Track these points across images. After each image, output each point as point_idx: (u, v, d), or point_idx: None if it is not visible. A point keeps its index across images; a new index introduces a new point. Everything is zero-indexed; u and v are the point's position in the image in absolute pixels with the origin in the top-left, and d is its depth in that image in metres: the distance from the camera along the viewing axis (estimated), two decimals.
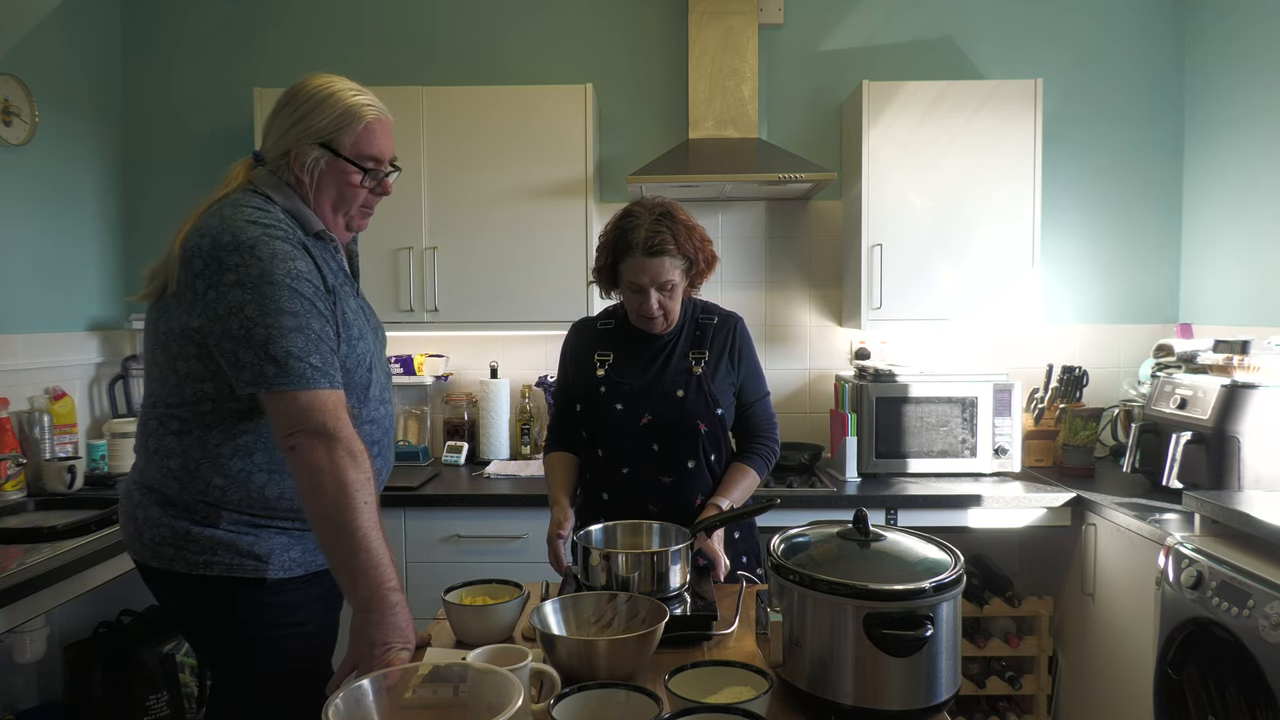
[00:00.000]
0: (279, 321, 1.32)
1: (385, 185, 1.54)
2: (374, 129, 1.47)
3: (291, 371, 1.32)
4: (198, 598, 1.46)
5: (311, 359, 1.33)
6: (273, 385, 1.32)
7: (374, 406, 1.53)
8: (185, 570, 1.43)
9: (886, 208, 2.98)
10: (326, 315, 1.38)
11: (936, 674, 1.15)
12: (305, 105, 1.44)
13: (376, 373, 1.54)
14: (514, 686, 1.00)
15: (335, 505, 1.30)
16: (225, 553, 1.42)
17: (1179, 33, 3.30)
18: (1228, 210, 3.07)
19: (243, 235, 1.34)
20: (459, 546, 2.76)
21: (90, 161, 3.17)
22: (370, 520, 1.31)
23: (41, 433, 2.74)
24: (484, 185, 3.03)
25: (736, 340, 1.92)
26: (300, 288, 1.35)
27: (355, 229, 1.57)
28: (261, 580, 1.43)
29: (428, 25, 3.36)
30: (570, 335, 2.00)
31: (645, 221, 1.78)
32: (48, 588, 2.00)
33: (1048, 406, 3.12)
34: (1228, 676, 1.87)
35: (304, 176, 1.46)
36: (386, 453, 1.60)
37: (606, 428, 1.85)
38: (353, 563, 1.29)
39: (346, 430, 1.34)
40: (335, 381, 1.36)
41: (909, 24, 3.32)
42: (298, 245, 1.39)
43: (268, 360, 1.32)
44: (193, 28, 3.38)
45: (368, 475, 1.34)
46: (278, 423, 1.34)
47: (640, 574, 1.51)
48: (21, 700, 2.66)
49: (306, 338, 1.33)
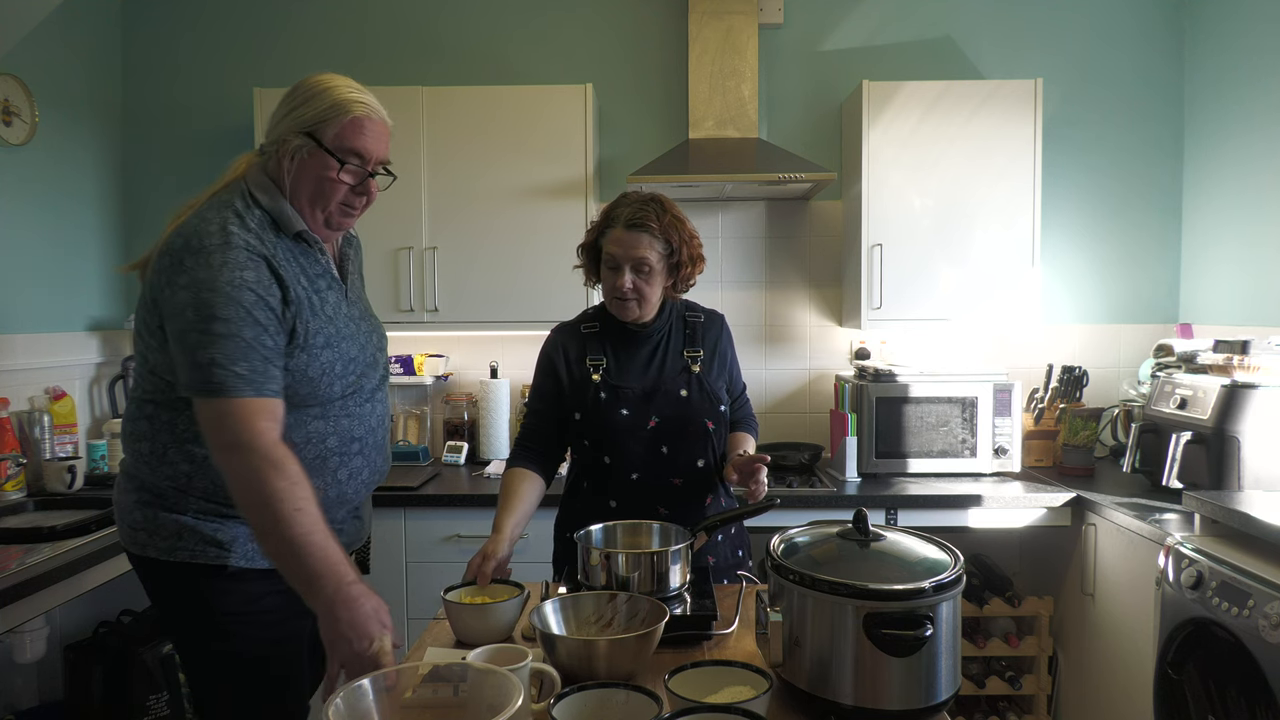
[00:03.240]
0: (210, 328, 1.34)
1: (369, 186, 1.51)
2: (361, 125, 1.46)
3: (212, 379, 1.33)
4: (166, 584, 1.49)
5: (236, 366, 1.34)
6: (194, 389, 1.36)
7: (351, 404, 1.54)
8: (155, 555, 1.47)
9: (886, 208, 2.98)
10: (266, 324, 1.38)
11: (936, 674, 1.15)
12: (301, 96, 1.46)
13: (355, 377, 1.54)
14: (514, 686, 1.00)
15: (266, 517, 1.30)
16: (190, 538, 1.45)
17: (1179, 33, 3.30)
18: (1228, 210, 3.07)
19: (205, 241, 1.37)
20: (459, 546, 2.76)
21: (90, 161, 3.17)
22: (307, 524, 1.29)
23: (41, 433, 2.74)
24: (484, 185, 3.03)
25: (725, 338, 1.94)
26: (240, 296, 1.35)
27: (336, 227, 1.54)
28: (223, 568, 1.45)
29: (428, 25, 3.36)
30: (551, 340, 1.91)
31: (633, 201, 1.81)
32: (48, 588, 2.00)
33: (1048, 406, 3.12)
34: (1228, 676, 1.87)
35: (286, 164, 1.45)
36: (370, 451, 1.59)
37: (612, 435, 1.80)
38: (301, 570, 1.29)
39: (264, 439, 1.33)
40: (264, 389, 1.36)
41: (909, 24, 3.32)
42: (257, 255, 1.40)
43: (194, 365, 1.35)
44: (193, 28, 3.38)
45: (292, 480, 1.31)
46: (202, 429, 1.38)
47: (640, 574, 1.51)
48: (21, 700, 2.66)
49: (235, 345, 1.34)
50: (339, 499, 1.56)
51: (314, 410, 1.49)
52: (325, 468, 1.51)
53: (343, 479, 1.55)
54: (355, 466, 1.57)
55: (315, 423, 1.50)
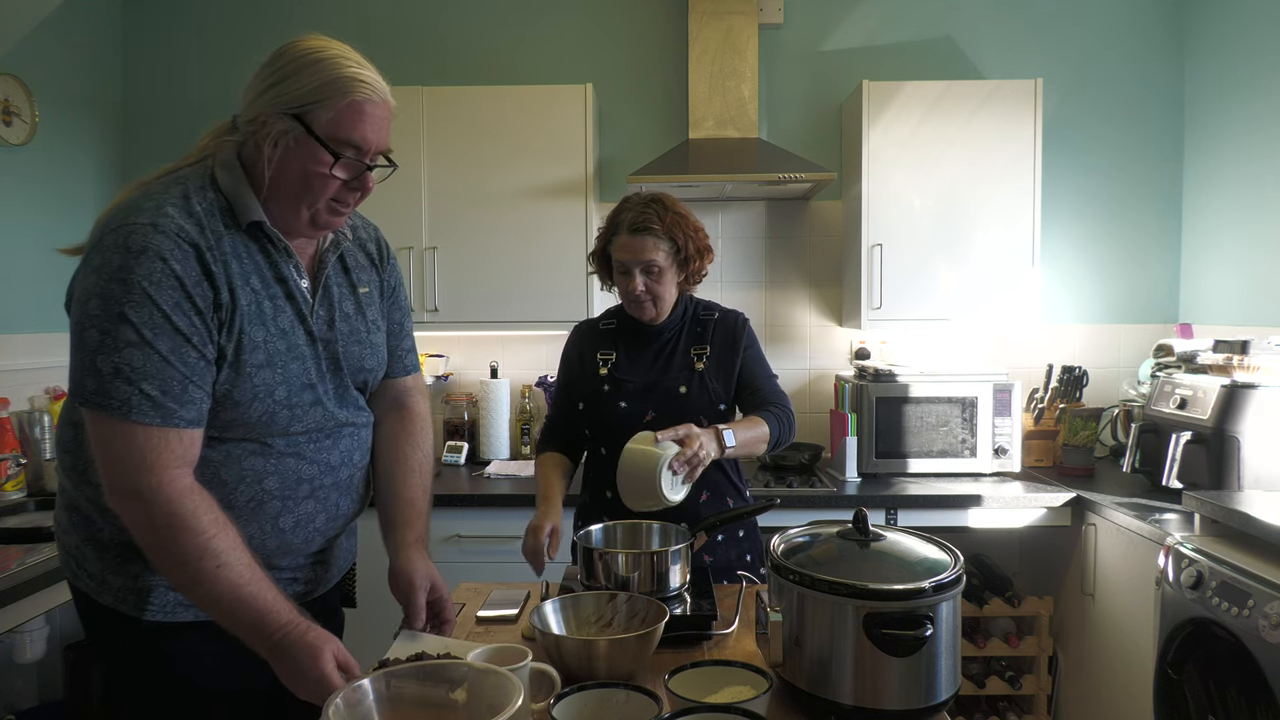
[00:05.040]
0: (117, 329, 1.09)
1: (365, 181, 1.25)
2: (362, 110, 1.20)
3: (113, 394, 1.09)
4: (96, 623, 1.27)
5: (144, 384, 1.09)
6: (89, 401, 1.10)
7: (302, 440, 1.27)
8: (84, 590, 1.27)
9: (886, 208, 2.98)
10: (189, 332, 1.13)
11: (936, 674, 1.15)
12: (289, 66, 1.20)
13: (309, 408, 1.27)
14: (514, 686, 1.00)
15: (184, 577, 1.12)
16: (113, 579, 1.23)
17: (1179, 33, 3.30)
18: (1228, 210, 3.07)
19: (131, 217, 1.13)
20: (459, 546, 2.76)
21: (90, 162, 3.17)
22: (231, 578, 1.10)
23: (41, 433, 2.74)
24: (484, 185, 3.03)
25: (744, 336, 1.93)
26: (158, 295, 1.10)
27: (324, 227, 1.27)
28: (137, 620, 1.22)
29: (429, 25, 3.36)
30: (572, 336, 2.01)
31: (636, 205, 1.84)
32: (48, 588, 2.00)
33: (1048, 406, 3.12)
34: (1228, 676, 1.87)
35: (266, 150, 1.20)
36: (326, 493, 1.31)
37: (610, 425, 1.85)
38: (235, 625, 1.13)
39: (166, 490, 1.10)
40: (174, 418, 1.11)
41: (909, 24, 3.32)
42: (189, 244, 1.14)
43: (90, 371, 1.10)
44: (193, 27, 3.38)
45: (206, 536, 1.10)
46: (94, 454, 1.13)
47: (640, 574, 1.51)
48: (21, 700, 2.66)
49: (147, 356, 1.09)
50: (281, 548, 1.29)
51: (248, 444, 1.23)
52: (262, 513, 1.25)
53: (285, 527, 1.28)
54: (304, 513, 1.29)
55: (251, 459, 1.23)
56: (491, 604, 1.67)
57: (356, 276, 1.39)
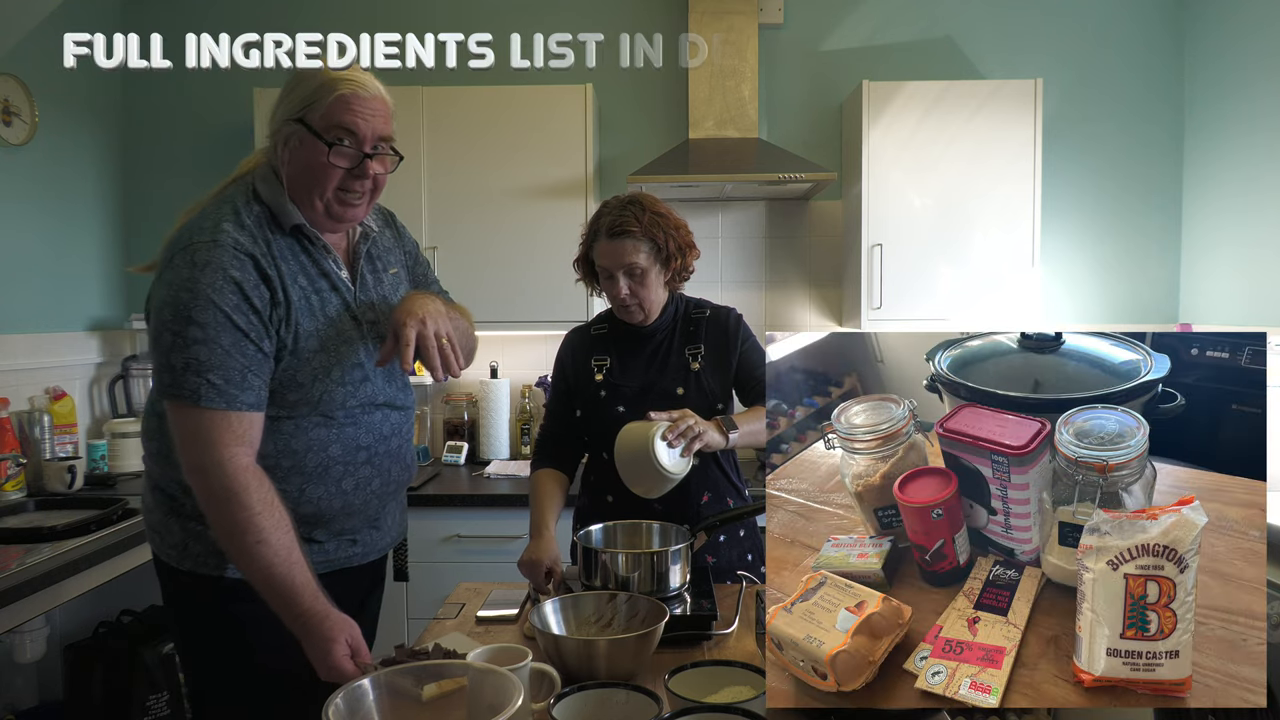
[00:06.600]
0: (186, 331, 1.29)
1: (365, 167, 1.39)
2: (347, 101, 1.36)
3: (184, 385, 1.29)
4: (174, 588, 1.48)
5: (210, 375, 1.28)
6: (165, 393, 1.32)
7: (359, 412, 1.46)
8: (165, 560, 1.46)
9: (886, 208, 2.98)
10: (248, 330, 1.32)
11: None
12: (291, 82, 1.43)
13: (359, 384, 1.46)
14: (514, 686, 1.00)
15: (231, 547, 1.30)
16: (195, 546, 1.42)
17: (1179, 33, 3.30)
18: (1228, 210, 3.07)
19: (194, 238, 1.33)
20: (459, 546, 2.76)
21: (90, 161, 3.17)
22: (267, 556, 1.27)
23: (41, 433, 2.74)
24: (484, 185, 3.03)
25: (739, 332, 1.91)
26: (221, 300, 1.30)
27: (338, 218, 1.43)
28: (219, 578, 1.41)
29: (429, 25, 3.36)
30: (565, 343, 1.99)
31: (613, 208, 1.83)
32: (48, 588, 2.00)
33: None
34: None
35: (283, 154, 1.40)
36: (381, 460, 1.50)
37: (609, 431, 1.82)
38: (268, 599, 1.29)
39: (228, 466, 1.28)
40: (237, 402, 1.30)
41: (909, 24, 3.32)
42: (245, 254, 1.34)
43: (167, 368, 1.31)
44: (193, 27, 3.38)
45: (252, 511, 1.27)
46: (174, 438, 1.34)
47: (640, 574, 1.52)
48: (21, 700, 2.66)
49: (211, 351, 1.29)
50: (345, 510, 1.48)
51: (314, 418, 1.42)
52: (328, 477, 1.44)
53: (348, 489, 1.47)
54: (363, 476, 1.48)
55: (317, 430, 1.42)
56: (491, 604, 1.67)
57: (386, 260, 1.58)
